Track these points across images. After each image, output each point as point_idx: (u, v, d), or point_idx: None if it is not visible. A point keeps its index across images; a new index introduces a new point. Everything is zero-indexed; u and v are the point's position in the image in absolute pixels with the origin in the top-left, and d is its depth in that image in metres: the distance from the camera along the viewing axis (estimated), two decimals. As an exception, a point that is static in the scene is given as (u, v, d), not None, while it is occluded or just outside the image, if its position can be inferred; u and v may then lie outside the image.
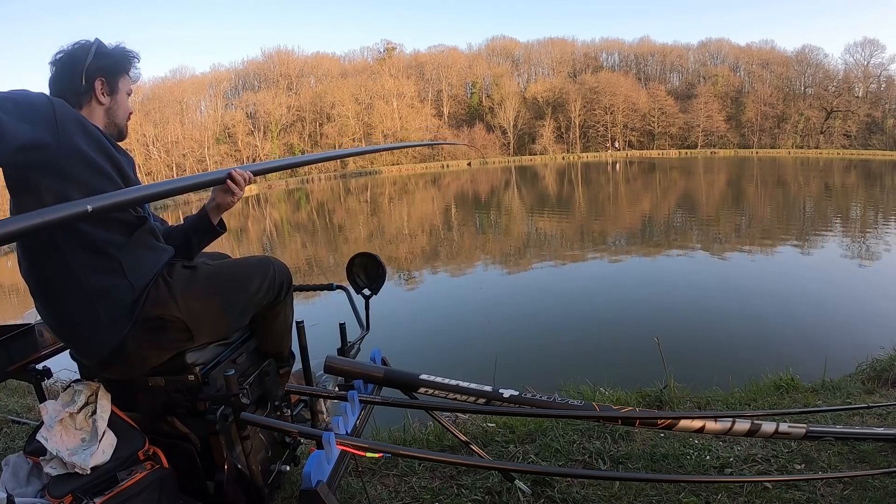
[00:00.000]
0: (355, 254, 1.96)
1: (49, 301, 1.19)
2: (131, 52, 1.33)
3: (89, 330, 1.16)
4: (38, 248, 1.13)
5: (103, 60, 1.25)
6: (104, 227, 1.14)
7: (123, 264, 1.15)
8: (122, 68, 1.30)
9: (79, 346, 1.23)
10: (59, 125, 1.05)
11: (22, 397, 3.03)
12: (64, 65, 1.22)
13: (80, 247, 1.12)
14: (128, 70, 1.32)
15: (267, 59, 60.18)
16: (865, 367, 2.98)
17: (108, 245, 1.14)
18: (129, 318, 1.16)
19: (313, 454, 1.18)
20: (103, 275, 1.14)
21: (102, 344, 1.17)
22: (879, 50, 55.16)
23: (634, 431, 2.15)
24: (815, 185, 25.55)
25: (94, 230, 1.12)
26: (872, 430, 1.91)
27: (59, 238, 1.10)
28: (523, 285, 8.57)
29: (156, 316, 1.18)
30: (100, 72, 1.24)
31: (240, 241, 16.23)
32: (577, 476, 1.82)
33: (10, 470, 1.20)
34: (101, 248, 1.14)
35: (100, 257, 1.14)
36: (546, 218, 17.13)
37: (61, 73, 1.23)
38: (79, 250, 1.12)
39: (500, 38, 68.35)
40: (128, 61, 1.32)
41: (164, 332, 1.21)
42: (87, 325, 1.16)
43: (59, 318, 1.19)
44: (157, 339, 1.21)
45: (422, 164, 52.28)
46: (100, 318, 1.14)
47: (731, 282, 7.72)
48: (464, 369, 4.50)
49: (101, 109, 1.26)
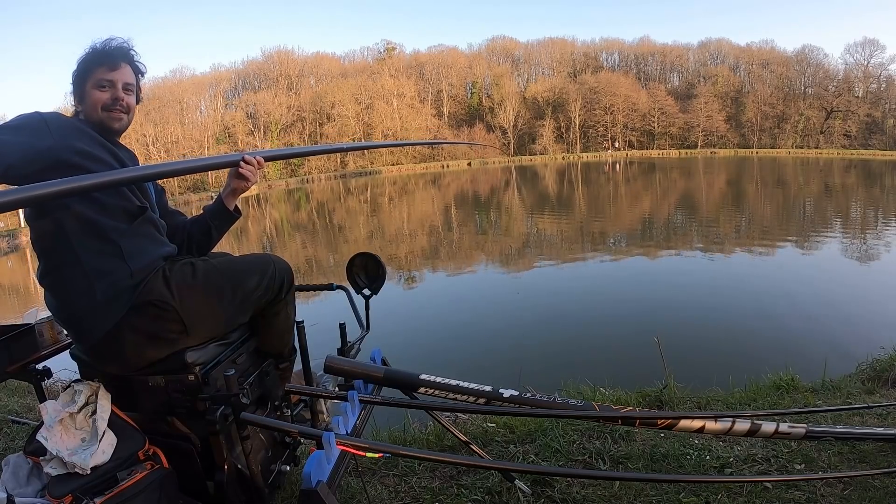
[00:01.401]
0: (355, 254, 1.96)
1: (53, 284, 1.23)
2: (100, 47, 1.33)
3: (86, 309, 1.20)
4: (49, 236, 1.20)
5: (74, 73, 1.32)
6: (108, 216, 1.21)
7: (123, 249, 1.21)
8: (86, 73, 1.31)
9: (76, 327, 1.25)
10: (52, 131, 1.15)
11: (22, 397, 3.03)
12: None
13: (85, 232, 1.19)
14: (95, 66, 1.32)
15: (267, 59, 60.22)
16: (865, 367, 2.98)
17: (110, 230, 1.21)
18: (125, 301, 1.20)
19: (313, 454, 1.18)
20: (104, 257, 1.20)
21: (98, 324, 1.20)
22: (879, 50, 55.28)
23: (634, 431, 2.15)
24: (814, 185, 25.56)
25: (98, 217, 1.19)
26: (872, 430, 1.90)
27: (67, 225, 1.17)
28: (523, 285, 8.57)
29: (150, 301, 1.21)
30: (73, 85, 1.33)
31: (240, 242, 16.23)
32: (577, 476, 1.82)
33: (10, 470, 1.20)
34: (103, 234, 1.20)
35: (102, 242, 1.20)
36: (546, 218, 17.13)
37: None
38: (83, 236, 1.19)
39: (500, 38, 68.42)
40: (94, 59, 1.32)
41: (158, 321, 1.22)
42: (85, 303, 1.20)
43: (61, 299, 1.24)
44: (151, 328, 1.22)
45: (422, 164, 52.30)
46: (96, 298, 1.19)
47: (731, 281, 7.72)
48: (464, 369, 4.53)
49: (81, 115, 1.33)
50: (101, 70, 1.31)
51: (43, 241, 1.22)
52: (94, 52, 1.32)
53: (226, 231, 1.57)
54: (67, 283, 1.20)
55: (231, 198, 1.51)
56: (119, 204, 1.23)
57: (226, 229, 1.57)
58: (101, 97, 1.30)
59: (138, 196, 1.29)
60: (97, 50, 1.33)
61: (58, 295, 1.23)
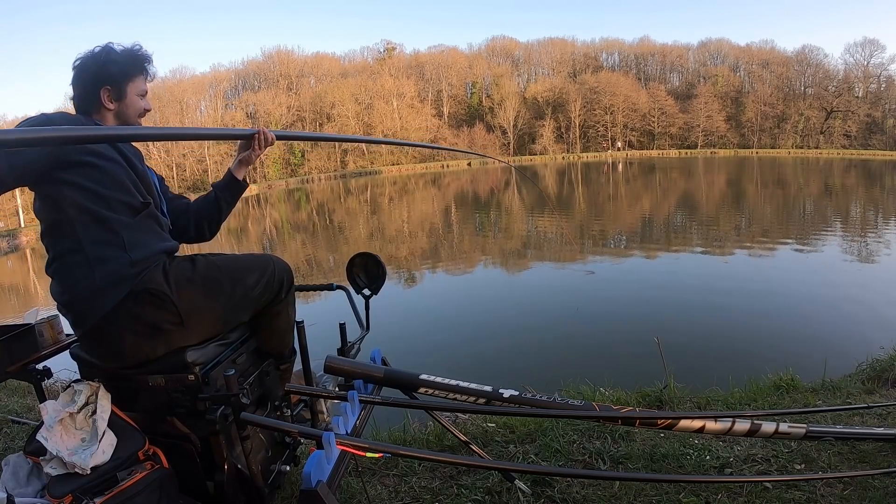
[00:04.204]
0: (355, 254, 1.96)
1: (57, 270, 1.26)
2: (140, 55, 1.40)
3: (85, 292, 1.22)
4: (55, 227, 1.25)
5: (110, 69, 1.34)
6: (113, 209, 1.25)
7: (125, 239, 1.25)
8: (128, 73, 1.37)
9: (74, 310, 1.26)
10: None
11: (22, 397, 3.03)
12: (76, 76, 1.35)
13: (89, 223, 1.23)
14: (136, 73, 1.39)
15: (267, 59, 60.26)
16: (865, 367, 2.98)
17: (113, 222, 1.24)
18: (123, 288, 1.22)
19: (313, 454, 1.18)
20: (106, 246, 1.24)
21: (95, 307, 1.22)
22: (879, 50, 55.40)
23: (634, 431, 2.15)
24: (815, 185, 25.56)
25: (102, 210, 1.23)
26: (872, 430, 1.90)
27: (73, 216, 1.22)
28: (523, 285, 8.57)
29: (147, 290, 1.23)
30: (106, 81, 1.34)
31: (240, 242, 16.23)
32: (577, 476, 1.82)
33: (10, 470, 1.20)
34: (107, 224, 1.24)
35: (105, 231, 1.24)
36: (546, 218, 17.12)
37: (74, 83, 1.36)
38: (87, 225, 1.23)
39: (500, 38, 68.47)
40: (135, 65, 1.39)
41: (154, 311, 1.24)
42: (84, 286, 1.22)
43: (63, 284, 1.26)
44: (147, 316, 1.24)
45: (422, 164, 52.29)
46: (96, 283, 1.21)
47: (731, 282, 7.71)
48: (464, 369, 4.53)
49: (110, 114, 1.37)
50: (141, 79, 1.40)
51: (51, 234, 1.26)
52: (134, 57, 1.39)
53: (234, 204, 1.65)
54: (70, 268, 1.24)
55: (240, 169, 1.60)
56: (123, 199, 1.27)
57: (235, 202, 1.65)
58: (141, 106, 1.41)
59: (142, 192, 1.32)
60: (138, 55, 1.39)
61: (60, 281, 1.27)
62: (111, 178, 1.25)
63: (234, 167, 1.60)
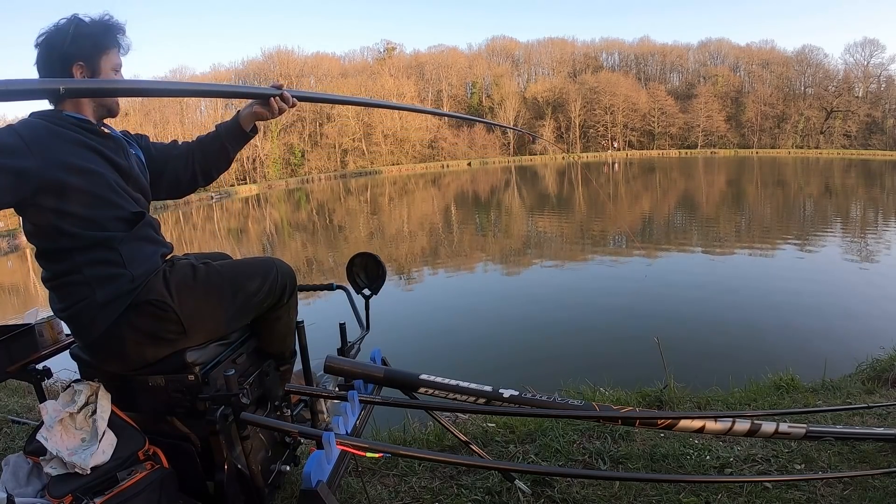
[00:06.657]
0: (355, 254, 1.96)
1: (56, 288, 1.23)
2: (113, 25, 1.26)
3: (86, 309, 1.20)
4: (49, 252, 1.20)
5: (81, 42, 1.19)
6: (105, 229, 1.19)
7: (123, 255, 1.20)
8: (102, 47, 1.23)
9: (76, 324, 1.25)
10: (31, 148, 1.09)
11: (22, 397, 3.03)
12: (41, 54, 1.20)
13: (87, 248, 1.18)
14: (111, 46, 1.25)
15: (267, 59, 60.22)
16: (865, 367, 2.98)
17: (110, 241, 1.20)
18: (124, 301, 1.20)
19: (313, 454, 1.18)
20: (104, 266, 1.20)
21: (98, 322, 1.20)
22: (879, 50, 55.44)
23: (634, 431, 2.15)
24: (815, 185, 25.55)
25: (98, 233, 1.18)
26: (872, 430, 1.90)
27: (65, 242, 1.17)
28: (523, 285, 8.57)
29: (148, 301, 1.21)
30: (78, 57, 1.19)
31: (240, 242, 16.23)
32: (577, 476, 1.82)
33: (10, 470, 1.20)
34: (103, 245, 1.19)
35: (103, 252, 1.19)
36: (546, 218, 17.12)
37: (40, 63, 1.21)
38: (85, 250, 1.18)
39: (500, 38, 68.49)
40: (108, 37, 1.24)
41: (156, 321, 1.22)
42: (85, 304, 1.20)
43: (62, 300, 1.23)
44: (149, 327, 1.22)
45: (422, 164, 52.32)
46: (97, 301, 1.19)
47: (730, 282, 7.71)
48: (464, 369, 4.53)
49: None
50: (114, 52, 1.25)
51: (46, 257, 1.21)
52: (106, 27, 1.24)
53: (240, 149, 1.54)
54: (69, 288, 1.21)
55: (249, 119, 1.46)
56: (115, 214, 1.21)
57: (239, 149, 1.53)
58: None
59: (133, 198, 1.27)
60: (109, 25, 1.25)
61: (60, 298, 1.23)
62: (98, 197, 1.17)
63: (244, 116, 1.46)
